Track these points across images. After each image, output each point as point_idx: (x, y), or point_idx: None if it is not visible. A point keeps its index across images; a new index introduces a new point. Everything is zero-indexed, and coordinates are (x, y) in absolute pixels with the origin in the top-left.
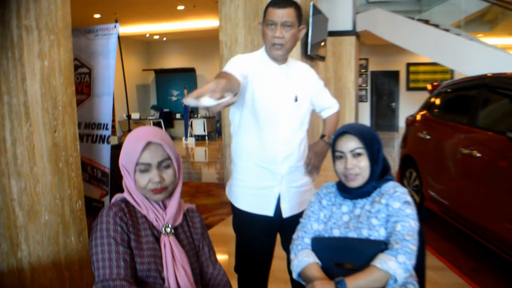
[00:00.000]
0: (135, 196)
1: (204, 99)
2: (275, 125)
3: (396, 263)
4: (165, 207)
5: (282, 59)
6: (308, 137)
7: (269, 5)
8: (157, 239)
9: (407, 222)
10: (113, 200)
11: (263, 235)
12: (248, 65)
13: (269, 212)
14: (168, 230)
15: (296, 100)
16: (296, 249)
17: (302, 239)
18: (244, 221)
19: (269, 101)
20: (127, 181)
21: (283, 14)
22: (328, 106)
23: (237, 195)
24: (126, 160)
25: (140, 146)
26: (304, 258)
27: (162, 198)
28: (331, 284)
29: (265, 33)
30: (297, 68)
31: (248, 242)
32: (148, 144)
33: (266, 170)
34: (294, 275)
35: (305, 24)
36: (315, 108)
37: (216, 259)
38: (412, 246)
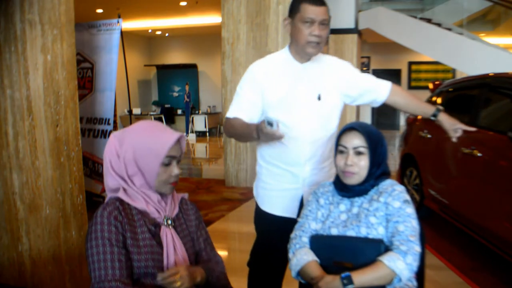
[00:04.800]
0: (137, 193)
1: None
2: (296, 126)
3: (404, 264)
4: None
5: (307, 57)
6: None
7: (304, 1)
8: (154, 235)
9: (409, 222)
10: (106, 200)
11: (285, 236)
12: (262, 77)
13: (293, 214)
14: (169, 222)
15: (319, 98)
16: (294, 248)
17: (300, 238)
18: (268, 222)
19: (289, 102)
20: (136, 176)
21: (321, 12)
22: (375, 87)
23: (262, 197)
24: (148, 153)
25: (173, 138)
26: (303, 257)
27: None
28: (336, 280)
29: (300, 30)
30: (323, 63)
31: (269, 242)
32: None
33: (288, 173)
34: (293, 274)
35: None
36: (359, 99)
37: (212, 249)
38: (417, 247)
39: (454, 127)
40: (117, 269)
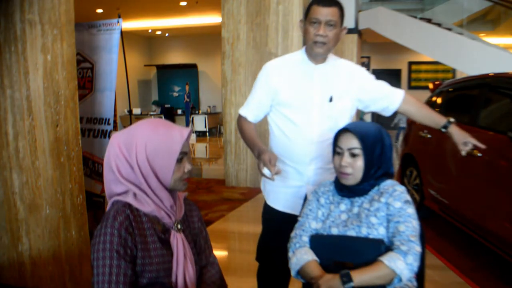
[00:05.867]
0: (149, 197)
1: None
2: (306, 125)
3: (404, 264)
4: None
5: (321, 58)
6: None
7: (314, 2)
8: (163, 242)
9: (410, 223)
10: (110, 205)
11: (286, 232)
12: (275, 77)
13: (296, 211)
14: (179, 226)
15: (331, 100)
16: (294, 247)
17: (300, 237)
18: (272, 217)
19: (301, 102)
20: (154, 181)
21: (327, 13)
22: (389, 94)
23: (268, 191)
24: (162, 152)
25: (185, 134)
26: (302, 256)
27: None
28: (335, 279)
29: (308, 30)
30: (337, 66)
31: (271, 236)
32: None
33: (294, 170)
34: (293, 273)
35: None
36: (372, 105)
37: (210, 252)
38: (418, 247)
39: (464, 140)
40: (121, 283)
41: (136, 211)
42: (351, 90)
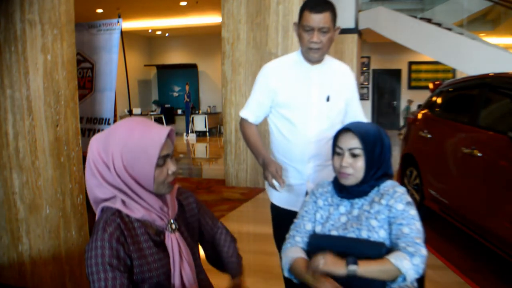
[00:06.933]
0: (136, 203)
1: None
2: (304, 125)
3: (410, 264)
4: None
5: (316, 60)
6: None
7: (306, 8)
8: (158, 245)
9: (414, 225)
10: (99, 212)
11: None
12: (274, 79)
13: (298, 208)
14: (174, 226)
15: (328, 100)
16: (285, 247)
17: (293, 237)
18: (277, 214)
19: (298, 102)
20: (136, 187)
21: (319, 20)
22: (355, 117)
23: (271, 190)
24: (138, 158)
25: (163, 136)
26: (292, 254)
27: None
28: (341, 260)
29: (302, 36)
30: (333, 67)
31: (280, 232)
32: (169, 132)
33: (293, 169)
34: (285, 273)
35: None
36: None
37: (217, 222)
38: (424, 250)
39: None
40: None
41: (127, 217)
42: (344, 90)
